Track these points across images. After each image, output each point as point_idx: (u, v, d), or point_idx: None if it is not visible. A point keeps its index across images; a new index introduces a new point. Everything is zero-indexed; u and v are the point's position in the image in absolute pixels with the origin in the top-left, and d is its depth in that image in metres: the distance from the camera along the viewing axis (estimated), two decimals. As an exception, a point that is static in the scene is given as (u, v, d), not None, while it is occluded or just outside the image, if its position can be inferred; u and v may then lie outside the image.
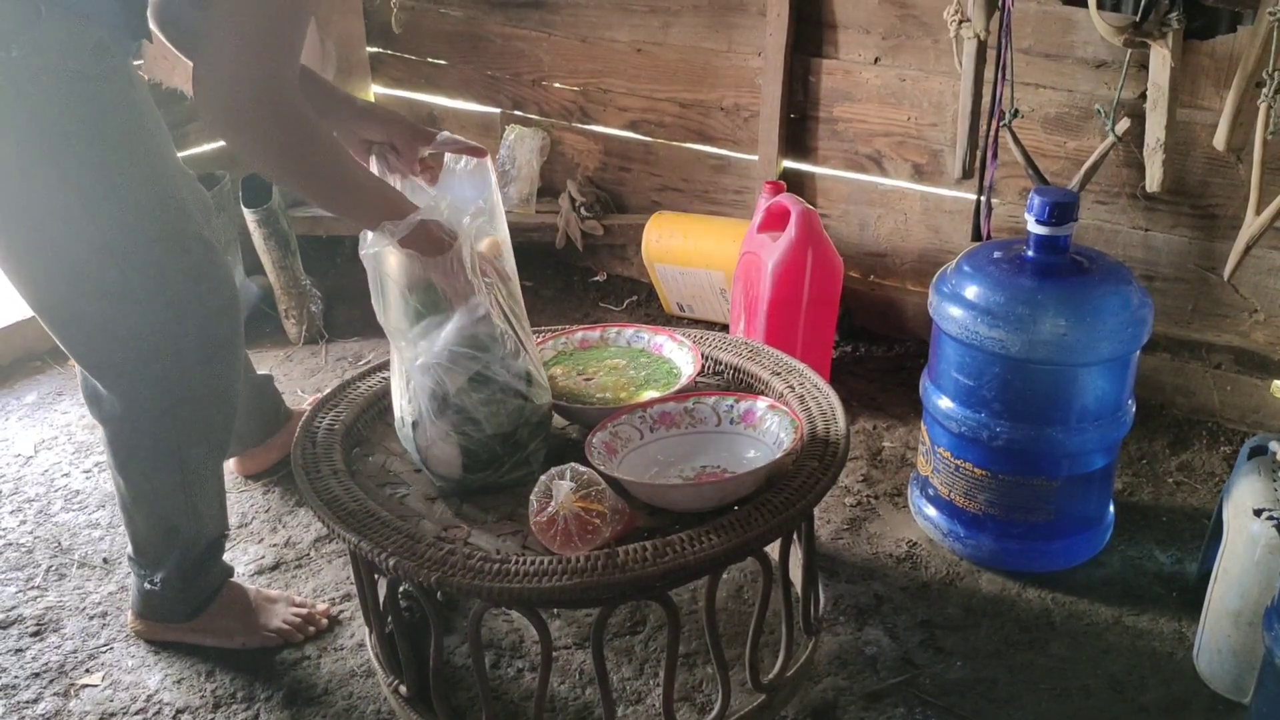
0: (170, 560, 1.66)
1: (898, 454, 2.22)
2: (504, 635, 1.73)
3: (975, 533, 1.87)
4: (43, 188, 1.37)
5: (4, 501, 2.08)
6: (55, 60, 1.33)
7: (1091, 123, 2.23)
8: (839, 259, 2.28)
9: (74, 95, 1.35)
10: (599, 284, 2.96)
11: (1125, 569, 1.89)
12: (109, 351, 1.50)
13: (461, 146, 1.54)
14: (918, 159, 2.49)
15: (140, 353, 1.49)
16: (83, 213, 1.40)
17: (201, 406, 1.58)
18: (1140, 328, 1.76)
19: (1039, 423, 1.77)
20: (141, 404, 1.54)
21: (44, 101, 1.34)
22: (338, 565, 1.90)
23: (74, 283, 1.44)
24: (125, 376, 1.52)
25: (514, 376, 1.40)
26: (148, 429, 1.56)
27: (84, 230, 1.41)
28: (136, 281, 1.45)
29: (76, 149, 1.37)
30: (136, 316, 1.47)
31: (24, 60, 1.31)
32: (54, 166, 1.37)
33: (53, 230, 1.40)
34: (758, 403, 1.53)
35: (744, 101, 2.65)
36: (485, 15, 2.93)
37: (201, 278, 1.51)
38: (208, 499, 1.66)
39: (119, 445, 1.59)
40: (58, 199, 1.38)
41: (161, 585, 1.68)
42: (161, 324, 1.48)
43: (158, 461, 1.59)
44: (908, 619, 1.77)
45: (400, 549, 1.30)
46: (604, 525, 1.29)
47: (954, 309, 1.78)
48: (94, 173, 1.39)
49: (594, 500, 1.29)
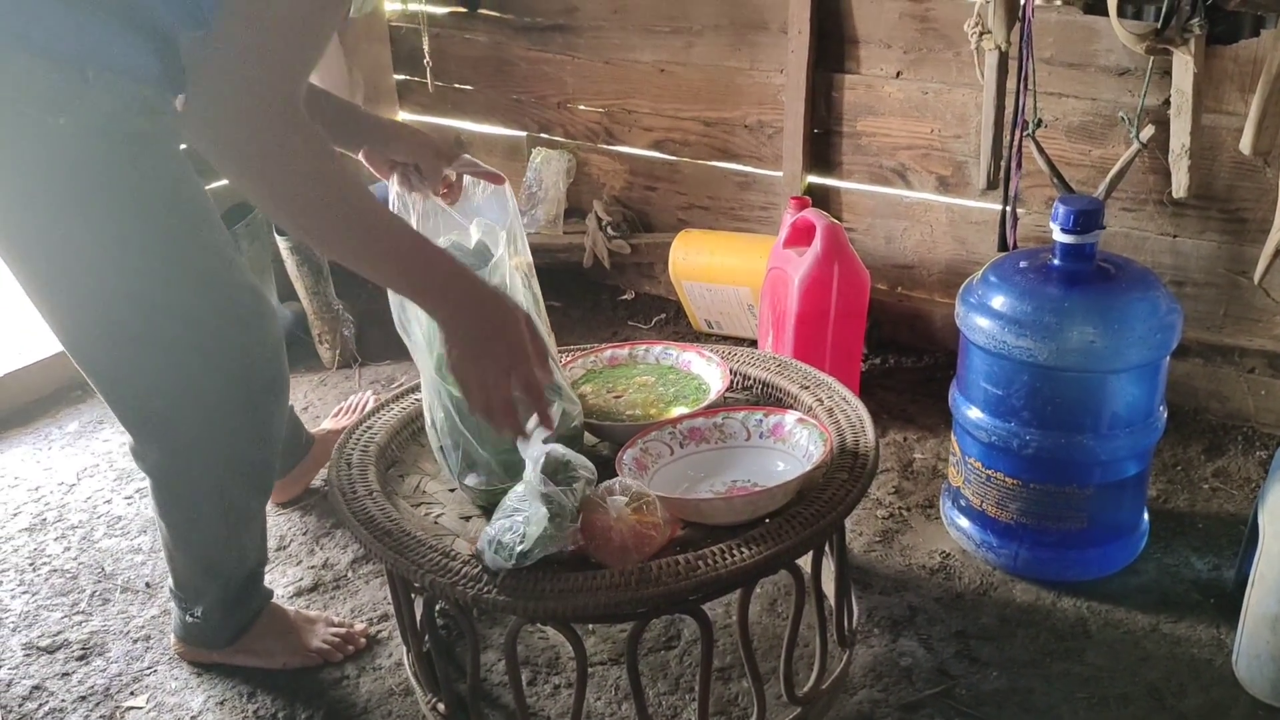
0: (211, 593, 1.68)
1: (929, 465, 2.22)
2: (540, 652, 1.75)
3: (1008, 542, 1.87)
4: (94, 251, 1.37)
5: (49, 529, 2.13)
6: (102, 123, 1.31)
7: (1116, 130, 2.23)
8: (865, 272, 2.29)
9: (117, 156, 1.35)
10: (627, 302, 2.99)
11: (1161, 576, 1.88)
12: (155, 408, 1.50)
13: (481, 171, 1.55)
14: (942, 171, 2.49)
15: (182, 406, 1.50)
16: (132, 273, 1.39)
17: (244, 451, 1.58)
18: (1169, 333, 1.76)
19: (1069, 430, 1.77)
20: (183, 454, 1.54)
21: (88, 164, 1.33)
22: (375, 585, 1.93)
23: (124, 342, 1.44)
24: (169, 428, 1.52)
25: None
26: (190, 477, 1.56)
27: (132, 289, 1.40)
28: (188, 338, 1.45)
29: (125, 209, 1.36)
30: (178, 370, 1.46)
31: (71, 126, 1.30)
32: (107, 228, 1.36)
33: (101, 291, 1.40)
34: (786, 416, 1.54)
35: (767, 118, 2.67)
36: (510, 40, 2.97)
37: (248, 327, 1.51)
38: (252, 537, 1.68)
39: (162, 491, 1.60)
40: (110, 259, 1.38)
41: (203, 617, 1.70)
42: (204, 375, 1.48)
43: (201, 508, 1.59)
44: (942, 630, 1.77)
45: (436, 567, 1.32)
46: (658, 535, 1.31)
47: (981, 319, 1.79)
48: (141, 230, 1.38)
49: (647, 512, 1.31)
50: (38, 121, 1.29)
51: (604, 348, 1.79)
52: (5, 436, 2.44)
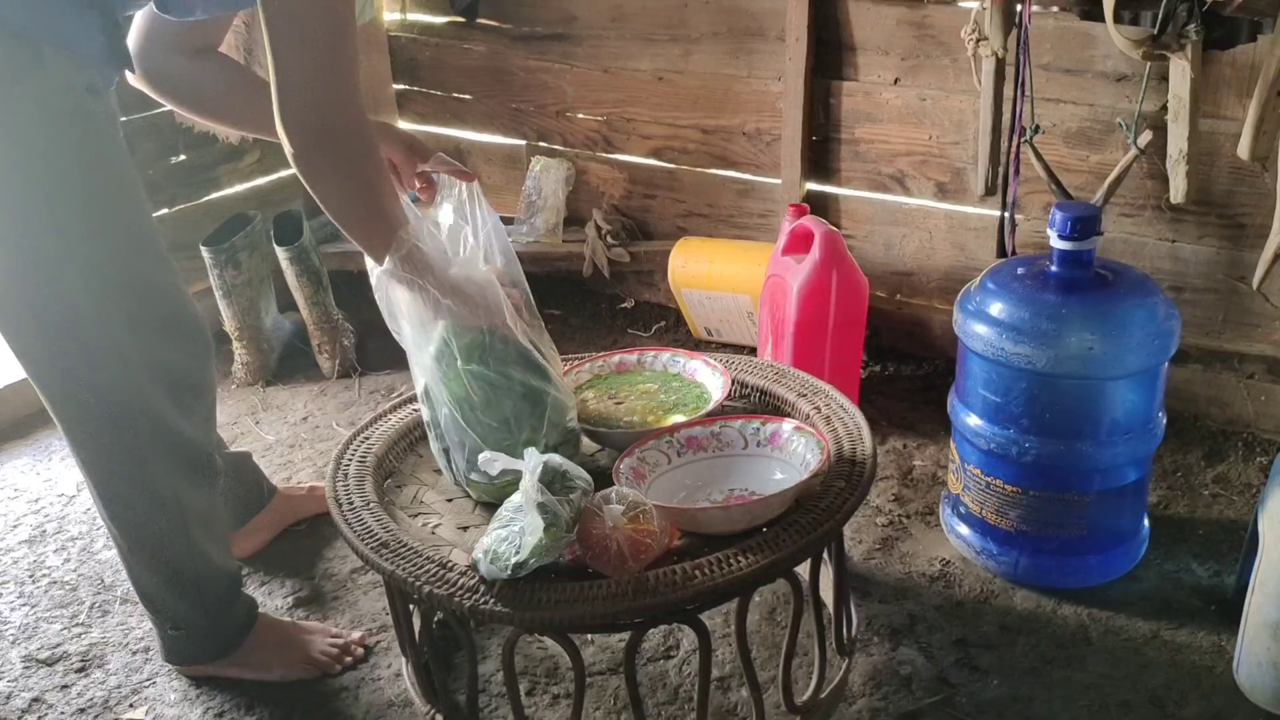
0: (182, 605, 1.66)
1: (929, 472, 2.21)
2: (538, 662, 1.74)
3: (1008, 550, 1.86)
4: (32, 228, 1.39)
5: (49, 540, 2.13)
6: (54, 100, 1.35)
7: (1113, 136, 2.23)
8: (864, 280, 2.29)
9: (69, 136, 1.38)
10: (627, 310, 2.99)
11: (1162, 583, 1.87)
12: (89, 404, 1.50)
13: (453, 169, 1.58)
14: (941, 177, 2.49)
15: (118, 404, 1.50)
16: (66, 256, 1.41)
17: (181, 448, 1.58)
18: (1168, 339, 1.76)
19: (1068, 437, 1.76)
20: (122, 452, 1.54)
21: (41, 142, 1.36)
22: (374, 596, 1.93)
23: (55, 337, 1.45)
24: (103, 425, 1.52)
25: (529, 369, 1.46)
26: (132, 474, 1.56)
27: (66, 274, 1.41)
28: (115, 332, 1.46)
29: (68, 190, 1.39)
30: (116, 370, 1.47)
31: (23, 100, 1.33)
32: (45, 207, 1.38)
33: (35, 273, 1.41)
34: (784, 425, 1.54)
35: (766, 126, 2.67)
36: (508, 49, 2.98)
37: (174, 328, 1.53)
38: (212, 541, 1.66)
39: (107, 493, 1.58)
40: (45, 241, 1.39)
41: (186, 628, 1.69)
42: (137, 376, 1.49)
43: (150, 506, 1.58)
44: (942, 638, 1.77)
45: (433, 578, 1.32)
46: (655, 544, 1.31)
47: (979, 326, 1.79)
48: (81, 215, 1.41)
49: (644, 520, 1.31)
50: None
51: (613, 353, 1.79)
52: (6, 448, 2.44)
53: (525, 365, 1.47)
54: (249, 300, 2.62)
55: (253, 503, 2.03)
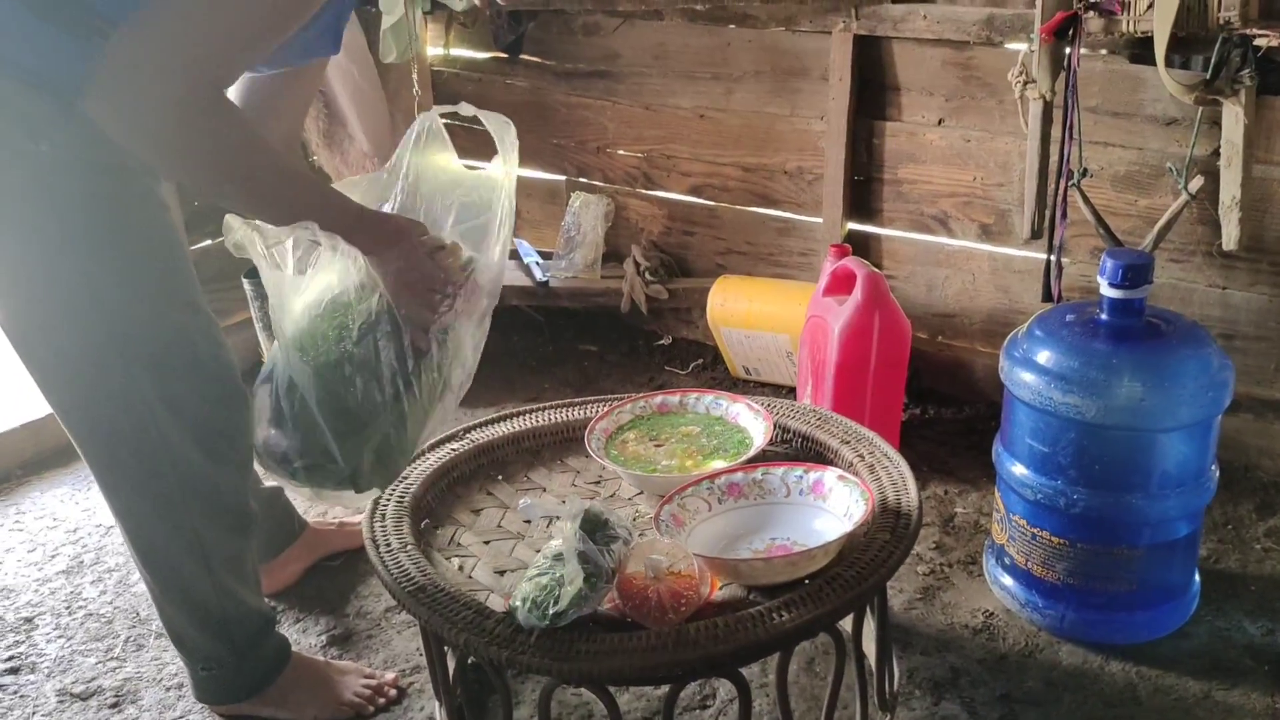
0: (213, 644, 1.65)
1: (971, 520, 2.17)
2: (573, 709, 1.72)
3: (1054, 603, 1.82)
4: (61, 277, 1.38)
5: (85, 571, 2.13)
6: (82, 153, 1.34)
7: (1163, 181, 2.20)
8: (906, 321, 2.26)
9: (98, 189, 1.37)
10: (664, 348, 2.97)
11: (1213, 641, 1.82)
12: (117, 450, 1.50)
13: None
14: (985, 219, 2.47)
15: (146, 451, 1.49)
16: (93, 305, 1.40)
17: (210, 495, 1.57)
18: (1221, 391, 1.72)
19: (1118, 490, 1.72)
20: (151, 498, 1.53)
21: (68, 195, 1.35)
22: (408, 635, 1.91)
23: (82, 384, 1.45)
24: (129, 469, 1.52)
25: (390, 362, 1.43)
26: (161, 520, 1.55)
27: (92, 323, 1.41)
28: (141, 382, 1.45)
29: (94, 243, 1.38)
30: (143, 416, 1.47)
31: (52, 154, 1.32)
32: (73, 256, 1.38)
33: (63, 321, 1.41)
34: (827, 473, 1.51)
35: (807, 165, 2.66)
36: (550, 85, 2.99)
37: (202, 373, 1.51)
38: (242, 581, 1.65)
39: (138, 538, 1.58)
40: (73, 290, 1.39)
41: (217, 668, 1.68)
42: (164, 423, 1.48)
43: (179, 551, 1.57)
44: (986, 693, 1.73)
45: (469, 625, 1.30)
46: (695, 595, 1.29)
47: (1026, 374, 1.75)
48: (109, 267, 1.40)
49: (684, 571, 1.29)
50: (19, 147, 1.31)
51: (655, 394, 1.78)
52: (45, 477, 2.46)
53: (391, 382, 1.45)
54: (288, 332, 2.63)
55: (283, 537, 2.02)
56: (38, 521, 2.29)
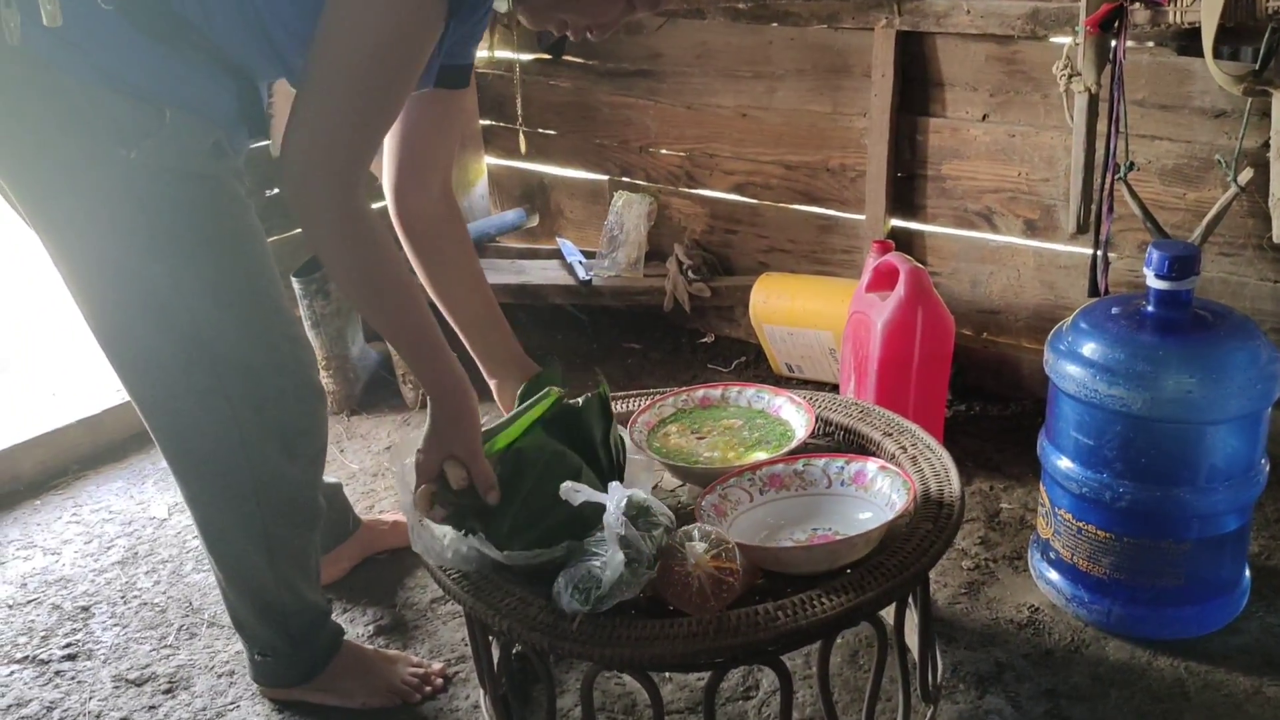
0: (270, 633, 1.69)
1: (1016, 515, 2.16)
2: (616, 698, 1.73)
3: (1100, 598, 1.81)
4: (147, 276, 1.41)
5: (140, 562, 2.18)
6: (172, 161, 1.37)
7: (1212, 173, 2.17)
8: (950, 317, 2.25)
9: (186, 196, 1.39)
10: (707, 345, 2.98)
11: (1264, 636, 1.80)
12: (196, 445, 1.54)
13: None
14: (1030, 215, 2.45)
15: (225, 447, 1.53)
16: (179, 304, 1.43)
17: (283, 491, 1.60)
18: (1271, 383, 1.70)
19: (1165, 483, 1.71)
20: (224, 490, 1.57)
21: (157, 201, 1.38)
22: (453, 626, 1.93)
23: (166, 381, 1.49)
24: (206, 463, 1.55)
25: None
26: (233, 512, 1.59)
27: (178, 322, 1.44)
28: (225, 379, 1.48)
29: (182, 246, 1.41)
30: (224, 414, 1.50)
31: (142, 161, 1.34)
32: (162, 265, 1.41)
33: (148, 318, 1.44)
34: (869, 464, 1.51)
35: (850, 162, 2.66)
36: (594, 85, 3.01)
37: (284, 373, 1.54)
38: (304, 575, 1.69)
39: (208, 528, 1.62)
40: (161, 296, 1.42)
41: (272, 655, 1.72)
42: (246, 420, 1.51)
43: (247, 543, 1.61)
44: (1031, 688, 1.72)
45: (513, 613, 1.32)
46: (737, 583, 1.29)
47: (1071, 367, 1.74)
48: (196, 270, 1.43)
49: (726, 559, 1.30)
50: (108, 154, 1.34)
51: (698, 388, 1.79)
52: (102, 471, 2.51)
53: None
54: (337, 330, 2.67)
55: (338, 532, 2.06)
56: (94, 514, 2.35)
